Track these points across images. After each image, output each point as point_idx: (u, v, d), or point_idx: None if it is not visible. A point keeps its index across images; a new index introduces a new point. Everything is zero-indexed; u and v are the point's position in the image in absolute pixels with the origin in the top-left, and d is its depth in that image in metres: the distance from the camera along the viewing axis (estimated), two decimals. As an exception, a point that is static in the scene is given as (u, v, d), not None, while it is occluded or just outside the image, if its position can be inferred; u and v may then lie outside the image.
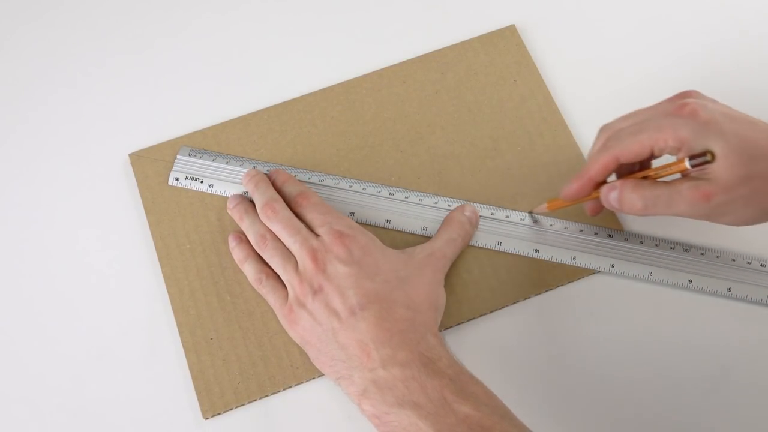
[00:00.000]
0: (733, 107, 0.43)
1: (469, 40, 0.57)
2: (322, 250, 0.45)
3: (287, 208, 0.48)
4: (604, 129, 0.46)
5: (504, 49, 0.57)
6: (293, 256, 0.47)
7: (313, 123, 0.54)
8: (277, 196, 0.49)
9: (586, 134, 0.54)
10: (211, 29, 0.58)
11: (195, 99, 0.55)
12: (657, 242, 0.50)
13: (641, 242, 0.50)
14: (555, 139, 0.54)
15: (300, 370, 0.47)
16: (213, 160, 0.52)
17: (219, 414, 0.47)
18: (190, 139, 0.53)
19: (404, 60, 0.56)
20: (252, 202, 0.50)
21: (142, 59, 0.57)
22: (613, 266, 0.49)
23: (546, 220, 0.51)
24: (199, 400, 0.47)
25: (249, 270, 0.49)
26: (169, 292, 0.49)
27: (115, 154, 0.54)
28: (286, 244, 0.47)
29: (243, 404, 0.47)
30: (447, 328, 0.48)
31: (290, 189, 0.50)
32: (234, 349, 0.48)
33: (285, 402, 0.47)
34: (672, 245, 0.50)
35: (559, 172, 0.52)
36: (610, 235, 0.50)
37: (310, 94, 0.55)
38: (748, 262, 0.49)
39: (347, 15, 0.59)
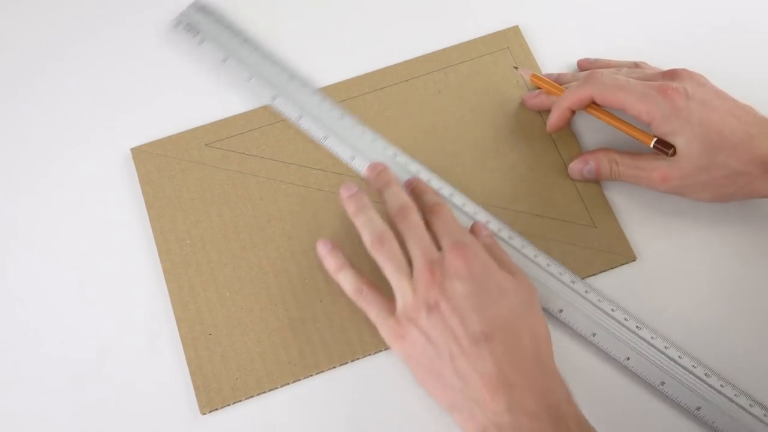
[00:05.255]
0: (723, 91, 0.48)
1: (472, 41, 0.57)
2: (440, 263, 0.42)
3: (419, 215, 0.46)
4: (592, 65, 0.54)
5: (507, 49, 0.57)
6: (409, 264, 0.44)
7: (315, 120, 0.54)
8: (411, 203, 0.46)
9: (587, 135, 0.54)
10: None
11: (197, 95, 0.55)
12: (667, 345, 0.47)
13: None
14: (557, 140, 0.54)
15: (297, 367, 0.47)
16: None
17: (216, 409, 0.47)
18: (192, 134, 0.53)
19: (407, 59, 0.56)
20: (367, 195, 0.47)
21: (145, 53, 0.57)
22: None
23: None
24: (197, 395, 0.47)
25: (346, 280, 0.46)
26: (168, 287, 0.49)
27: (117, 148, 0.54)
28: (407, 247, 0.44)
29: (240, 400, 0.47)
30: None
31: (428, 198, 0.48)
32: (232, 345, 0.48)
33: (282, 399, 0.47)
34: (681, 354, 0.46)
35: (562, 172, 0.53)
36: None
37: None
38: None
39: (352, 15, 0.59)
